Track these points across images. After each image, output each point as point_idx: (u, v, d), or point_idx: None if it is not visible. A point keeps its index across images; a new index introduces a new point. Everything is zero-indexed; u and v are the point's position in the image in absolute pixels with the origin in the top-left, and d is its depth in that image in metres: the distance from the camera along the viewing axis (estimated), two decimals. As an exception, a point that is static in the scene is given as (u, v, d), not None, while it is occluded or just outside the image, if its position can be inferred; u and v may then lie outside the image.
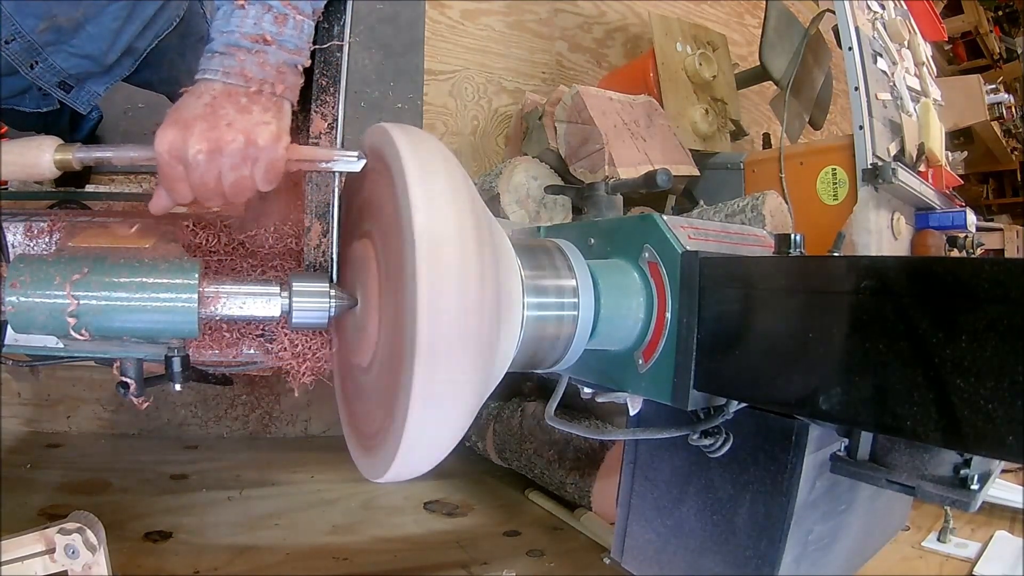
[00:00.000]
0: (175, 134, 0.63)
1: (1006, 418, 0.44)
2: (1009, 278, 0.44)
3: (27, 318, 0.63)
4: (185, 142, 0.63)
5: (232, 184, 0.66)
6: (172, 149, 0.64)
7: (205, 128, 0.63)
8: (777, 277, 0.64)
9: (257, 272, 0.88)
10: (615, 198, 1.17)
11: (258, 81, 0.67)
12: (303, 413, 2.12)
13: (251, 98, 0.66)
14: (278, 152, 0.66)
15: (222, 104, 0.65)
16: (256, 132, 0.65)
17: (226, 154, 0.64)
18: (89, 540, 0.87)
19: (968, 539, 1.56)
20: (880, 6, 1.94)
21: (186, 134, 0.63)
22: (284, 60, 0.69)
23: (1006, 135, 4.17)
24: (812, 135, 2.61)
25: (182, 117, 0.64)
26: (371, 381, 0.70)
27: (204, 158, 0.64)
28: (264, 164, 0.66)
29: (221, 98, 0.65)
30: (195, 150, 0.63)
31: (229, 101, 0.65)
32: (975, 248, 1.88)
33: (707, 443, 0.77)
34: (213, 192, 0.66)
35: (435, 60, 2.50)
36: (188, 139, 0.63)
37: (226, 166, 0.65)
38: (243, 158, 0.65)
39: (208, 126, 0.63)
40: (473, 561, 1.47)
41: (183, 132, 0.63)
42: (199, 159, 0.63)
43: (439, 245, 0.57)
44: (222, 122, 0.64)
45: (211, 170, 0.64)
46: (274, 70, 0.68)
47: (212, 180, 0.65)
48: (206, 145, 0.63)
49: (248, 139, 0.64)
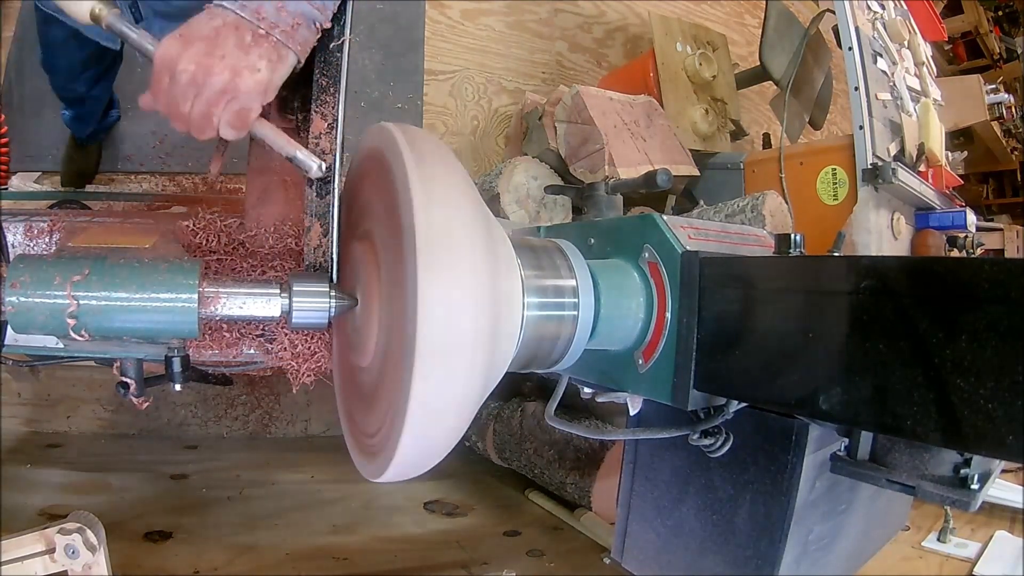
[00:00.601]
0: (174, 45, 0.65)
1: (1006, 418, 0.44)
2: (1009, 278, 0.44)
3: (27, 318, 0.63)
4: (178, 56, 0.64)
5: (198, 115, 0.66)
6: (166, 58, 0.65)
7: (201, 51, 0.64)
8: (777, 277, 0.64)
9: (257, 272, 0.88)
10: (615, 198, 1.17)
11: (269, 24, 0.67)
12: (303, 413, 2.12)
13: (256, 39, 0.66)
14: (253, 103, 0.67)
15: (227, 34, 0.65)
16: (242, 75, 0.65)
17: (207, 84, 0.64)
18: (89, 540, 0.87)
19: (968, 539, 1.56)
20: (880, 6, 1.94)
21: (182, 50, 0.64)
22: (303, 11, 0.69)
23: (1006, 135, 4.16)
24: (812, 135, 2.61)
25: (188, 31, 0.65)
26: (371, 381, 0.70)
27: (186, 79, 0.64)
28: (235, 109, 0.66)
29: (228, 28, 0.66)
30: (182, 67, 0.64)
31: (234, 34, 0.66)
32: (975, 248, 1.88)
33: (707, 443, 0.77)
34: (180, 115, 0.67)
35: (435, 60, 2.50)
36: (182, 55, 0.64)
37: (202, 95, 0.65)
38: (220, 95, 0.65)
39: (204, 50, 0.64)
40: (473, 561, 1.47)
41: (181, 46, 0.65)
42: (182, 77, 0.64)
43: (439, 245, 0.57)
44: (217, 52, 0.65)
45: (187, 92, 0.65)
46: (291, 18, 0.68)
47: (184, 102, 0.65)
48: (193, 67, 0.64)
49: (232, 78, 0.65)
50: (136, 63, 1.76)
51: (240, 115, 0.67)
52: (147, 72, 0.69)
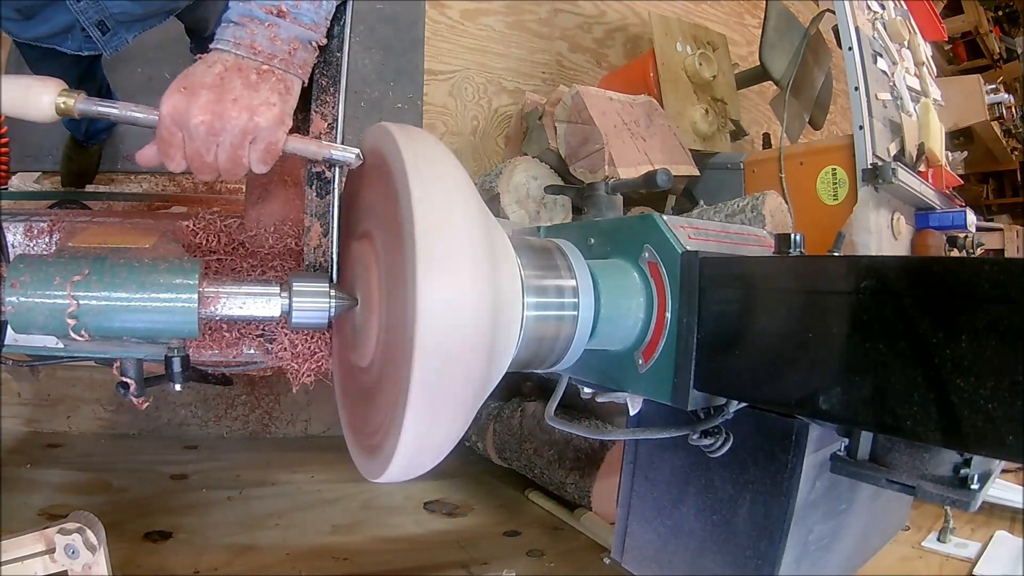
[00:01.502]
0: (180, 100, 0.63)
1: (1006, 418, 0.44)
2: (1009, 278, 0.44)
3: (27, 318, 0.63)
4: (188, 110, 0.63)
5: (227, 160, 0.66)
6: (175, 114, 0.63)
7: (211, 99, 0.63)
8: (777, 277, 0.64)
9: (257, 272, 0.88)
10: (615, 198, 1.17)
11: (267, 55, 0.67)
12: (303, 413, 2.12)
13: (261, 75, 0.66)
14: (278, 135, 0.66)
15: (231, 78, 0.65)
16: (259, 112, 0.64)
17: (227, 130, 0.64)
18: (89, 540, 0.87)
19: (968, 539, 1.56)
20: (880, 6, 1.94)
21: (191, 102, 0.63)
22: (297, 35, 0.68)
23: (1006, 135, 4.16)
24: (812, 135, 2.61)
25: (190, 83, 0.64)
26: (371, 381, 0.70)
27: (205, 130, 0.63)
28: (262, 146, 0.66)
29: (231, 71, 0.65)
30: (197, 120, 0.63)
31: (239, 75, 0.65)
32: (975, 248, 1.88)
33: (707, 443, 0.77)
34: (207, 165, 0.66)
35: (435, 60, 2.50)
36: (192, 107, 0.63)
37: (224, 142, 0.64)
38: (243, 137, 0.65)
39: (214, 98, 0.63)
40: (473, 561, 1.47)
41: (188, 99, 0.63)
42: (200, 130, 0.63)
43: (439, 245, 0.57)
44: (228, 96, 0.64)
45: (209, 143, 0.64)
46: (286, 45, 0.68)
47: (209, 153, 0.65)
48: (209, 117, 0.63)
49: (251, 118, 0.64)
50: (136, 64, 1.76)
51: (268, 150, 0.67)
52: (146, 72, 0.69)
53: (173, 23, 1.18)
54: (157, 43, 1.11)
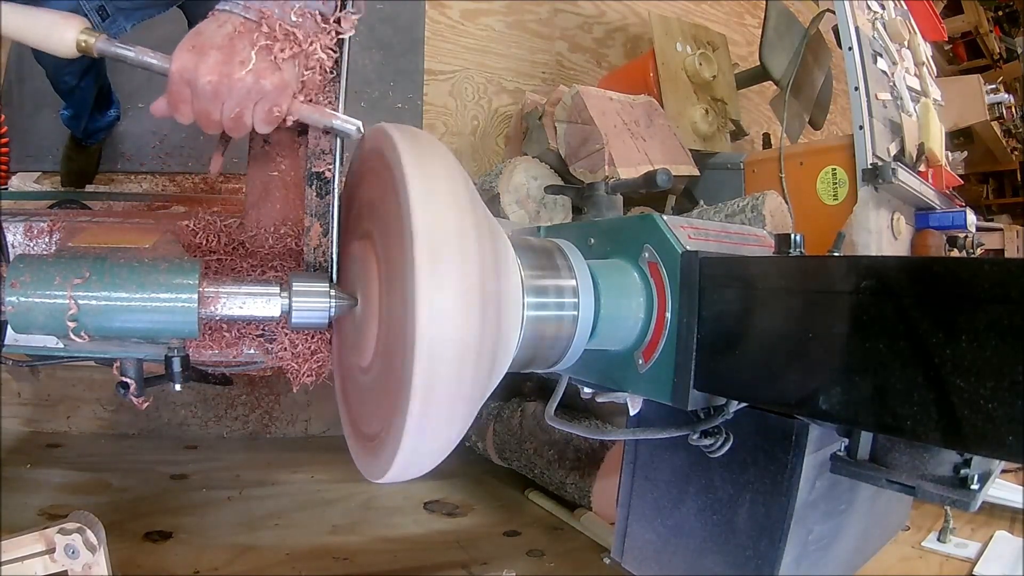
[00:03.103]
0: (190, 58, 0.65)
1: (1006, 418, 0.44)
2: (1009, 278, 0.44)
3: (27, 318, 0.63)
4: (197, 68, 0.65)
5: (231, 119, 0.68)
6: (184, 72, 0.66)
7: (220, 60, 0.65)
8: (777, 277, 0.64)
9: (257, 272, 0.88)
10: (615, 198, 1.17)
11: (276, 20, 0.68)
12: (303, 413, 2.12)
13: (270, 39, 0.68)
14: (282, 99, 0.69)
15: (240, 39, 0.66)
16: (265, 75, 0.67)
17: (233, 91, 0.66)
18: (89, 540, 0.87)
19: (968, 539, 1.56)
20: (880, 6, 1.94)
21: (200, 61, 0.65)
22: (307, 4, 0.70)
23: (1006, 135, 4.17)
24: (812, 135, 2.61)
25: (200, 42, 0.66)
26: (371, 381, 0.70)
27: (211, 89, 0.66)
28: (265, 108, 0.68)
29: (241, 33, 0.67)
30: (205, 79, 0.65)
31: (248, 38, 0.67)
32: (975, 248, 1.88)
33: (707, 443, 0.77)
34: (213, 123, 0.69)
35: (435, 60, 2.50)
36: (201, 66, 0.65)
37: (230, 101, 0.67)
38: (248, 98, 0.67)
39: (223, 59, 0.65)
40: (473, 561, 1.47)
41: (198, 58, 0.65)
42: (207, 89, 0.66)
43: (439, 245, 0.57)
44: (236, 58, 0.66)
45: (215, 101, 0.67)
46: (294, 14, 0.69)
47: (214, 111, 0.68)
48: (216, 77, 0.65)
49: (257, 81, 0.66)
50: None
51: (271, 112, 0.69)
52: (146, 72, 0.69)
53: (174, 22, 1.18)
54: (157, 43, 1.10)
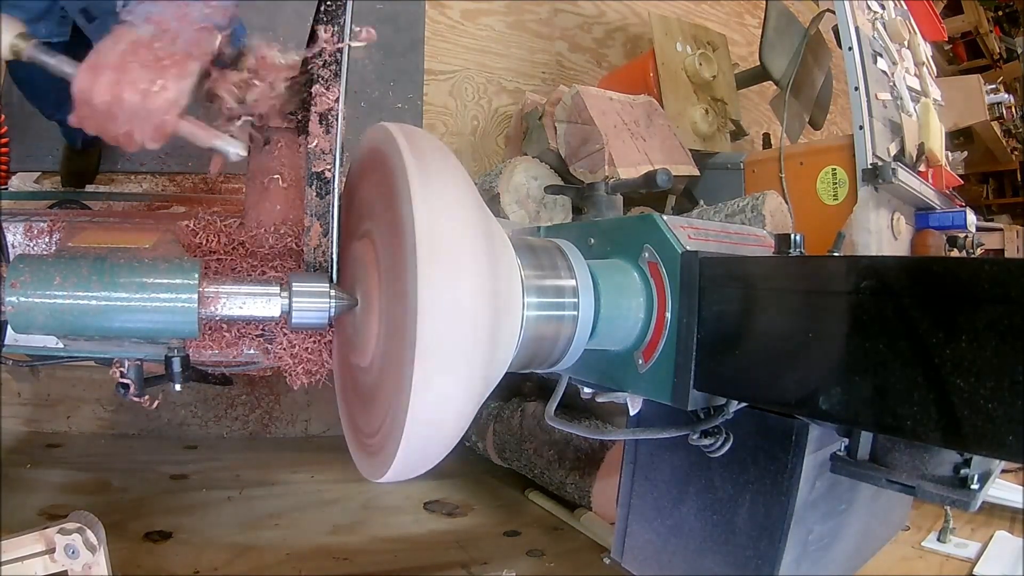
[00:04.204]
0: (86, 79, 0.70)
1: (1006, 418, 0.44)
2: (1009, 278, 0.44)
3: (27, 318, 0.63)
4: (92, 89, 0.69)
5: (122, 135, 0.72)
6: (82, 91, 0.70)
7: (111, 80, 0.69)
8: (777, 277, 0.64)
9: (257, 272, 0.88)
10: (615, 198, 1.17)
11: (173, 34, 0.71)
12: (303, 413, 2.12)
13: (161, 55, 0.70)
14: (166, 119, 0.72)
15: (131, 59, 0.70)
16: (152, 96, 0.70)
17: (122, 110, 0.70)
18: (89, 540, 0.87)
19: (968, 539, 1.56)
20: (880, 6, 1.94)
21: (94, 81, 0.69)
22: (206, 17, 0.72)
23: (1006, 135, 4.17)
24: (812, 135, 2.61)
25: (98, 62, 0.70)
26: (371, 381, 0.70)
27: (104, 108, 0.70)
28: (152, 125, 0.71)
29: (134, 50, 0.70)
30: (98, 99, 0.70)
31: (140, 54, 0.70)
32: (975, 248, 1.88)
33: (707, 443, 0.77)
34: (108, 136, 0.73)
35: (435, 60, 2.50)
36: (95, 87, 0.69)
37: (120, 119, 0.70)
38: (134, 117, 0.70)
39: (114, 79, 0.69)
40: (473, 561, 1.47)
41: (93, 78, 0.69)
42: (100, 108, 0.70)
43: (439, 245, 0.57)
44: (126, 78, 0.69)
45: (109, 119, 0.71)
46: (192, 27, 0.72)
47: (110, 126, 0.72)
48: (107, 97, 0.69)
49: (141, 100, 0.69)
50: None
51: (158, 129, 0.72)
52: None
53: None
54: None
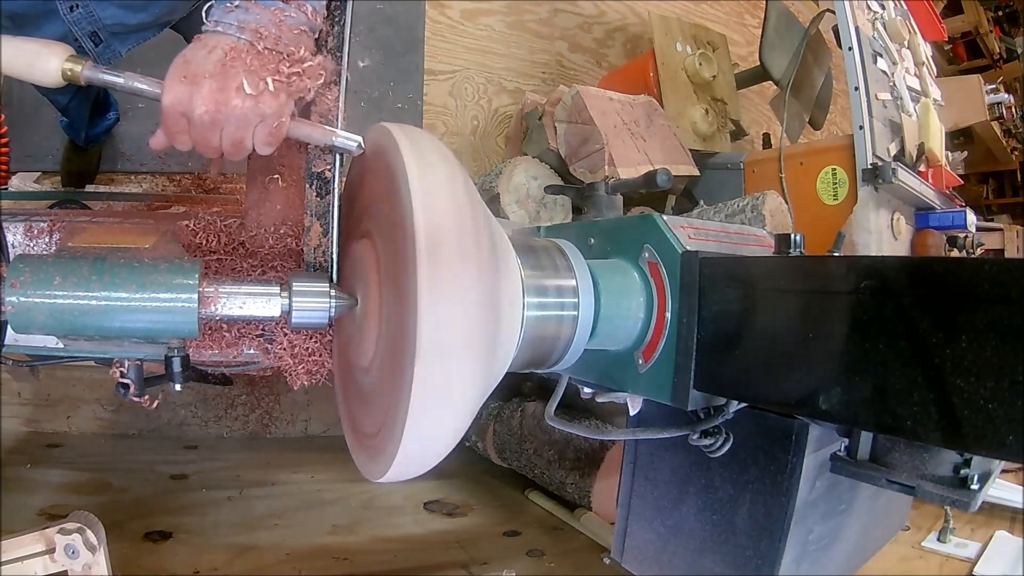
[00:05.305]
0: (182, 90, 0.63)
1: (1006, 418, 0.44)
2: (1009, 278, 0.44)
3: (27, 318, 0.63)
4: (192, 100, 0.63)
5: (231, 144, 0.67)
6: (178, 104, 0.64)
7: (214, 88, 0.63)
8: (777, 277, 0.64)
9: (257, 272, 0.88)
10: (615, 198, 1.17)
11: (273, 39, 0.66)
12: (303, 413, 2.12)
13: (262, 60, 0.66)
14: (280, 121, 0.67)
15: (233, 63, 0.64)
16: (263, 99, 0.65)
17: (231, 118, 0.65)
18: (89, 540, 0.87)
19: (968, 539, 1.56)
20: (880, 6, 1.94)
21: (193, 91, 0.63)
22: (302, 22, 0.69)
23: (1006, 135, 4.17)
24: (812, 135, 2.61)
25: (191, 71, 0.64)
26: (371, 381, 0.70)
27: (209, 119, 0.64)
28: (265, 130, 0.67)
29: (233, 57, 0.65)
30: (201, 110, 0.64)
31: (240, 61, 0.65)
32: (975, 248, 1.88)
33: (707, 443, 0.77)
34: (212, 149, 0.68)
35: (435, 60, 2.50)
36: (195, 97, 0.63)
37: (229, 128, 0.65)
38: (247, 124, 0.65)
39: (217, 87, 0.63)
40: (473, 561, 1.47)
41: (191, 88, 0.63)
42: (204, 119, 0.64)
43: (439, 245, 0.57)
44: (231, 84, 0.64)
45: (214, 130, 0.65)
46: (290, 31, 0.68)
47: (213, 138, 0.66)
48: (212, 107, 0.64)
49: (254, 106, 0.65)
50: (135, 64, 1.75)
51: (272, 133, 0.68)
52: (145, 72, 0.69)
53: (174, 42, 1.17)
54: (155, 43, 1.10)
